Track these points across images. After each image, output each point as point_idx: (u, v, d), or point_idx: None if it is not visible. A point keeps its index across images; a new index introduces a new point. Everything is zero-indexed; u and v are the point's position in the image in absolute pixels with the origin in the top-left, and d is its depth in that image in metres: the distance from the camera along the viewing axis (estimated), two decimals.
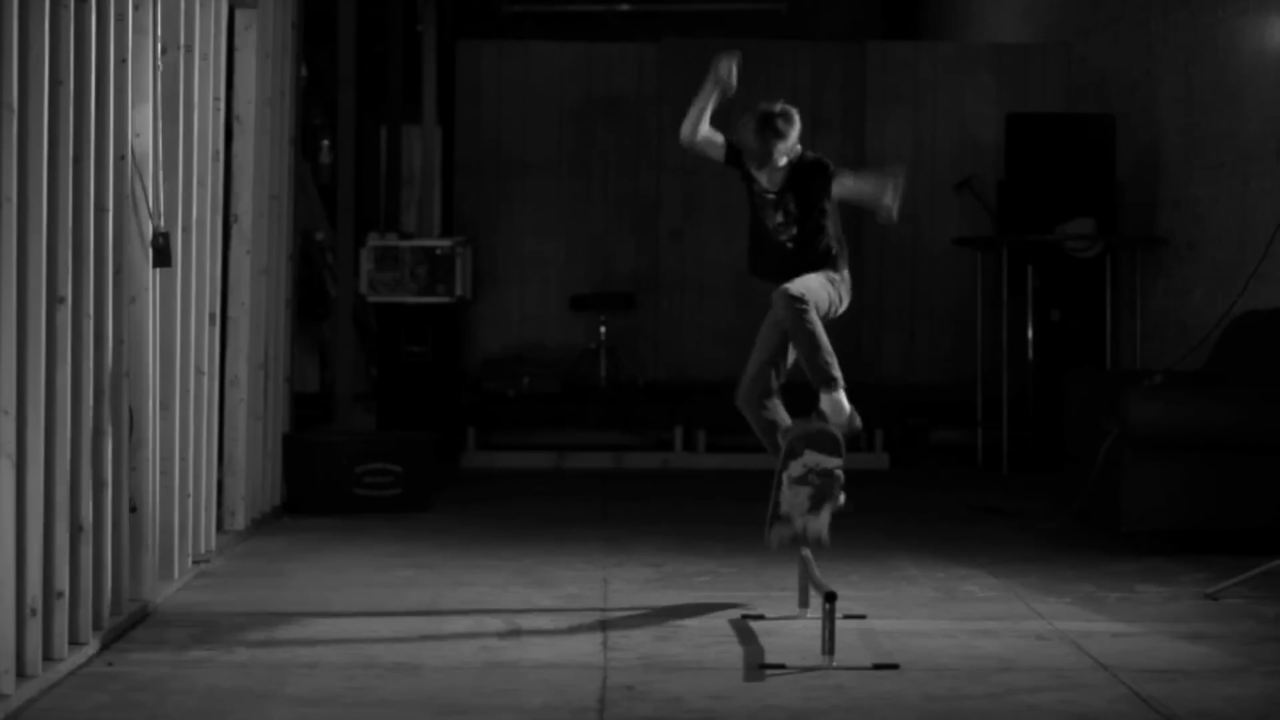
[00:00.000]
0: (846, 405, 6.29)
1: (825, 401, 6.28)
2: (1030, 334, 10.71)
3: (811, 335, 6.30)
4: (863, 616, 6.08)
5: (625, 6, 17.07)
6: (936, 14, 17.15)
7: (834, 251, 6.45)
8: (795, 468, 6.24)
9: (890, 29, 17.66)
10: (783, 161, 6.32)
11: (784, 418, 6.48)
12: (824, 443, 6.22)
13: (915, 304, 12.31)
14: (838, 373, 6.33)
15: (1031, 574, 7.02)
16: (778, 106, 6.31)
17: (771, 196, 6.38)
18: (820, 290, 6.38)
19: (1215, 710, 4.93)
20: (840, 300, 6.46)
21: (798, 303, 6.29)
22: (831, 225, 6.43)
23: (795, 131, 6.29)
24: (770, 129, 6.27)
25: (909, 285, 12.34)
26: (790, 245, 6.43)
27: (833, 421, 6.26)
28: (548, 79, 12.49)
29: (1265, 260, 8.21)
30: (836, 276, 6.45)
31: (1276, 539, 7.36)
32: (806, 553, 6.18)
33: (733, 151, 6.47)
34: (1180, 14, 10.30)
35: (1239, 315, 8.37)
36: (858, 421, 6.33)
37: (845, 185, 6.51)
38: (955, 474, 10.59)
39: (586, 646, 5.67)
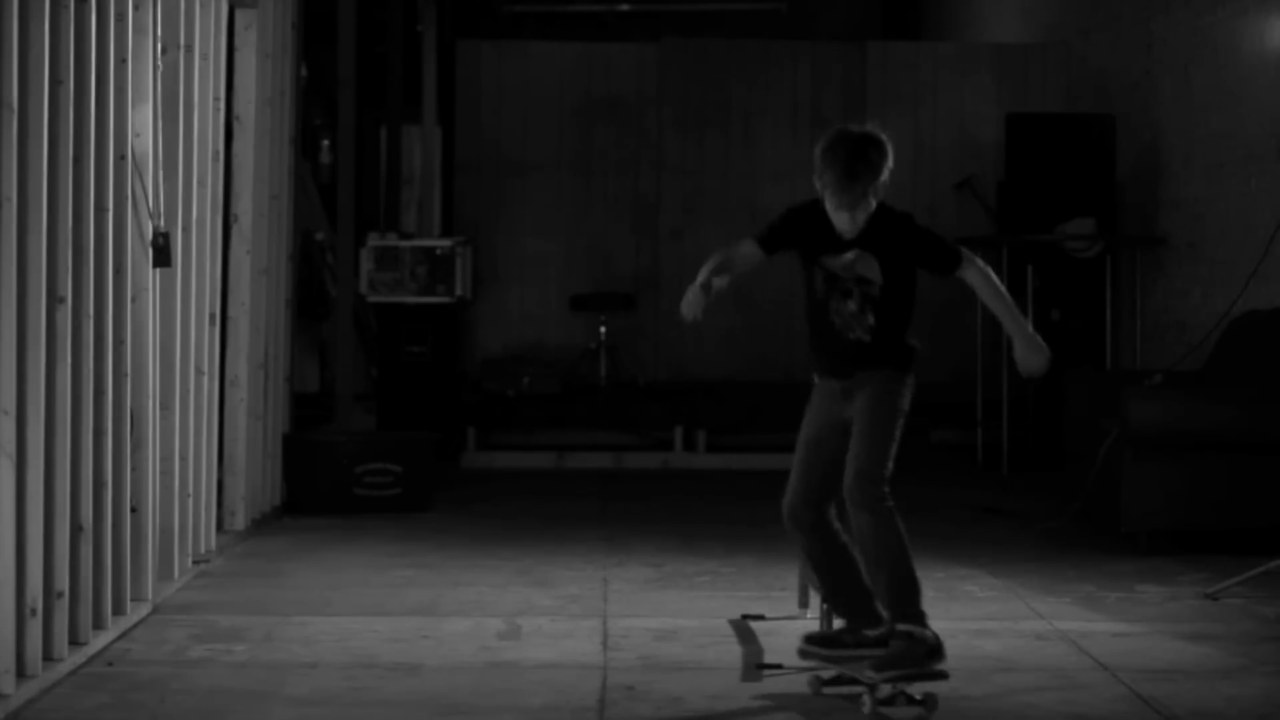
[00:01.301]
0: (931, 637, 4.95)
1: (918, 632, 4.96)
2: None
3: (898, 550, 4.95)
4: None
5: (625, 6, 17.07)
6: (936, 14, 17.14)
7: (912, 347, 5.32)
8: (882, 690, 4.97)
9: (890, 29, 17.67)
10: (873, 204, 5.06)
11: (852, 553, 5.13)
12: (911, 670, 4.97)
13: (915, 304, 12.29)
14: (922, 605, 5.00)
15: (1031, 574, 7.02)
16: (867, 128, 5.07)
17: (850, 265, 5.09)
18: (896, 439, 5.09)
19: (1215, 710, 4.93)
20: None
21: (877, 501, 4.93)
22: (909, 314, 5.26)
23: (888, 163, 5.05)
24: (862, 159, 4.99)
25: None
26: (867, 340, 5.17)
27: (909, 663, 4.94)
28: (548, 79, 12.49)
29: (1265, 260, 8.20)
30: (907, 385, 5.25)
31: (1276, 539, 7.36)
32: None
33: (771, 240, 5.14)
34: (1180, 14, 10.30)
35: (1239, 315, 8.37)
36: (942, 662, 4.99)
37: (988, 295, 5.30)
38: (955, 474, 10.58)
39: (586, 646, 5.67)
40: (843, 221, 5.06)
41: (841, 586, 5.20)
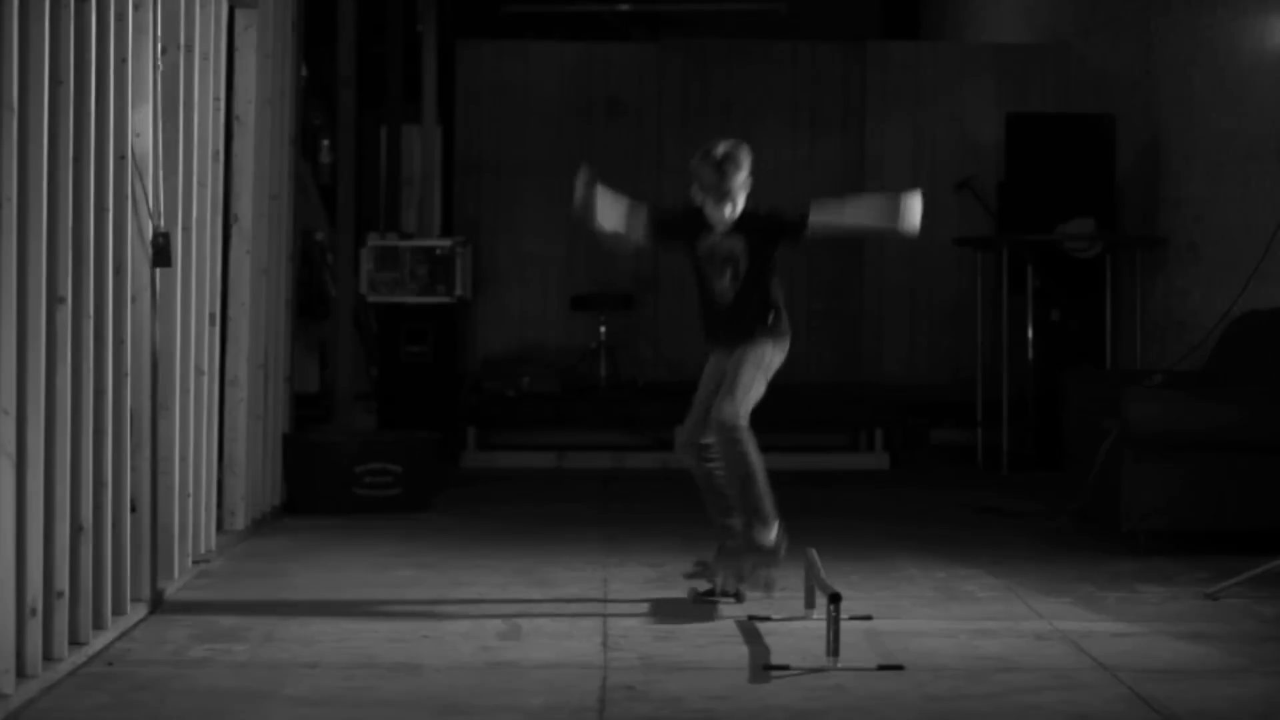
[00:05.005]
0: (773, 541, 6.26)
1: (759, 535, 6.26)
2: (1030, 334, 10.71)
3: (746, 468, 6.23)
4: (868, 618, 6.05)
5: (625, 6, 17.07)
6: (936, 14, 17.15)
7: (771, 315, 6.35)
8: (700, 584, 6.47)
9: (890, 29, 17.67)
10: (741, 199, 6.32)
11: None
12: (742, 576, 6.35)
13: (915, 304, 12.30)
14: (772, 507, 6.26)
15: (1031, 574, 7.02)
16: (725, 147, 6.42)
17: (722, 249, 6.34)
18: (753, 387, 6.27)
19: (1215, 710, 4.93)
20: (773, 369, 6.37)
21: (730, 431, 6.18)
22: (775, 285, 6.37)
23: (749, 163, 6.36)
24: (728, 160, 6.36)
25: (909, 285, 12.33)
26: (729, 303, 6.37)
27: (758, 566, 6.29)
28: (548, 79, 12.49)
29: (1265, 260, 8.21)
30: (769, 347, 6.33)
31: (1276, 539, 7.36)
32: (812, 553, 6.18)
33: (658, 221, 6.56)
34: (1180, 14, 10.30)
35: (1239, 315, 8.37)
36: (776, 588, 6.32)
37: (842, 218, 6.53)
38: (955, 474, 10.58)
39: (586, 646, 5.67)
40: (718, 215, 6.34)
41: (715, 501, 6.45)
